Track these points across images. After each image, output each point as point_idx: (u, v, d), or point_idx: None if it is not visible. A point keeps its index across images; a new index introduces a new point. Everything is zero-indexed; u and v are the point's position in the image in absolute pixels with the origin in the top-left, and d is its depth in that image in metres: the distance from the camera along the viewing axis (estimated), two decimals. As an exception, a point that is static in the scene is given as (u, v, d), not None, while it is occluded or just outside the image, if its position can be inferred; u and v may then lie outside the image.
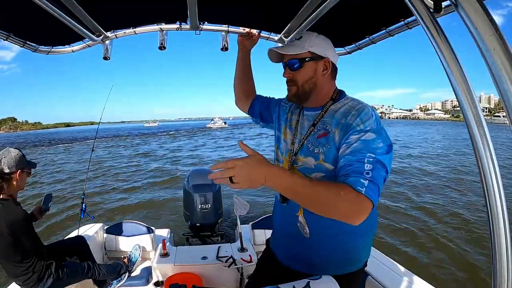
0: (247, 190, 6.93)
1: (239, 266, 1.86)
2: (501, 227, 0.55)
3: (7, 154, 1.56)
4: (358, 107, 0.88)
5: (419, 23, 0.59)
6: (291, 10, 1.21)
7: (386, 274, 1.56)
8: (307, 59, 0.92)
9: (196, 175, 2.87)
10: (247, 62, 1.33)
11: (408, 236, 4.29)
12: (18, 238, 1.49)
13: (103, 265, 1.97)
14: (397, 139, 20.88)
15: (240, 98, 1.33)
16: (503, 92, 0.46)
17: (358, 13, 1.22)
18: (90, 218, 2.51)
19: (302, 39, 0.94)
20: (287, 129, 1.07)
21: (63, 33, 1.30)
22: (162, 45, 1.48)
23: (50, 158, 15.58)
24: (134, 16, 1.34)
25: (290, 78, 0.96)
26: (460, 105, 0.54)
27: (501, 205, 0.54)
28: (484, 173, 0.54)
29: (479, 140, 0.53)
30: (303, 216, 0.96)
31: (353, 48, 1.58)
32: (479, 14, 0.47)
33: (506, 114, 0.47)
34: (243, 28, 1.38)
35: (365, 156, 0.77)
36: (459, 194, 6.54)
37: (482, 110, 0.54)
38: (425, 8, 0.58)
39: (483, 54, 0.47)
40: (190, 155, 14.96)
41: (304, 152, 0.95)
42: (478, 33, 0.47)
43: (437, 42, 0.56)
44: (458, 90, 0.54)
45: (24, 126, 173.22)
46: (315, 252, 0.97)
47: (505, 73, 0.45)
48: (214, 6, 1.24)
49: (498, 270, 0.56)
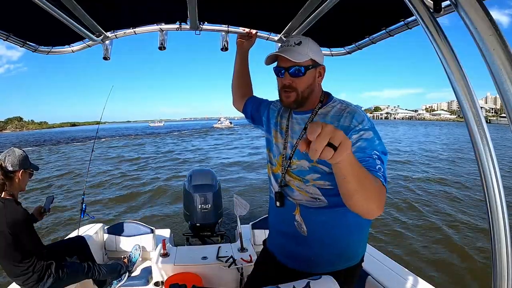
0: (247, 190, 6.93)
1: (239, 266, 1.86)
2: (501, 227, 0.55)
3: (11, 153, 1.60)
4: (349, 110, 0.91)
5: (419, 23, 0.59)
6: (291, 10, 1.21)
7: (386, 274, 1.56)
8: (310, 67, 0.93)
9: (196, 175, 2.87)
10: (245, 63, 1.34)
11: (408, 236, 4.30)
12: (18, 237, 1.49)
13: (103, 265, 1.97)
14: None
15: (236, 99, 1.34)
16: (503, 92, 0.46)
17: (358, 13, 1.22)
18: (90, 218, 2.51)
19: (303, 45, 0.92)
20: (277, 133, 1.08)
21: (63, 33, 1.30)
22: (162, 45, 1.48)
23: (81, 157, 15.44)
24: (134, 16, 1.34)
25: (290, 85, 0.94)
26: (460, 105, 0.55)
27: (501, 205, 0.54)
28: (484, 173, 0.54)
29: (479, 140, 0.53)
30: (299, 214, 0.97)
31: (353, 48, 1.58)
32: (479, 14, 0.47)
33: (506, 114, 0.47)
34: (243, 28, 1.38)
35: (372, 153, 0.79)
36: (459, 194, 6.54)
37: (488, 110, 0.54)
38: (425, 8, 0.58)
39: (483, 54, 0.47)
40: (238, 161, 12.07)
41: (297, 155, 0.96)
42: (478, 33, 0.47)
43: (437, 42, 0.56)
44: (458, 90, 0.54)
45: (30, 125, 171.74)
46: (313, 249, 0.98)
47: (505, 73, 0.45)
48: (214, 6, 1.24)
49: (498, 270, 0.56)
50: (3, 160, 1.56)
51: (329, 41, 1.59)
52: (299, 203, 0.97)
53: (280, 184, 1.02)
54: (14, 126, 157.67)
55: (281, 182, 1.01)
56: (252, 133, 29.76)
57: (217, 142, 23.09)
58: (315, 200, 0.93)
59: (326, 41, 1.58)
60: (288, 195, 1.00)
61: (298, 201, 0.97)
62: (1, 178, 1.52)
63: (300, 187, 0.96)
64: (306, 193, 0.95)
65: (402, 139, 22.37)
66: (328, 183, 0.90)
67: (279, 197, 1.02)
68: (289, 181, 0.99)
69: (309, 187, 0.94)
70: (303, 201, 0.96)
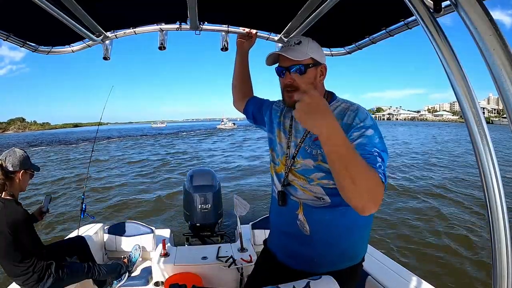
0: (246, 191, 6.93)
1: (239, 266, 1.86)
2: (501, 227, 0.55)
3: (12, 154, 1.60)
4: (352, 108, 0.92)
5: (419, 23, 0.59)
6: (291, 10, 1.21)
7: (386, 274, 1.56)
8: (310, 65, 0.93)
9: (196, 175, 2.87)
10: (245, 63, 1.34)
11: (408, 236, 4.29)
12: (18, 238, 1.49)
13: (103, 265, 1.97)
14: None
15: (237, 99, 1.34)
16: (503, 92, 0.46)
17: (358, 13, 1.22)
18: (90, 218, 2.51)
19: (303, 44, 0.93)
20: (281, 133, 1.08)
21: (63, 33, 1.30)
22: (162, 45, 1.48)
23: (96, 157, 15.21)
24: (134, 16, 1.34)
25: (291, 84, 0.95)
26: (460, 105, 0.55)
27: (501, 205, 0.54)
28: (484, 173, 0.54)
29: (479, 140, 0.53)
30: (302, 214, 0.97)
31: (353, 48, 1.58)
32: (479, 14, 0.47)
33: (506, 114, 0.47)
34: (243, 28, 1.38)
35: (372, 150, 0.79)
36: (459, 194, 6.54)
37: (490, 111, 0.54)
38: (425, 8, 0.58)
39: (483, 54, 0.47)
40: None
41: (302, 154, 0.96)
42: (478, 33, 0.47)
43: (437, 42, 0.56)
44: (458, 90, 0.54)
45: (32, 126, 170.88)
46: (315, 249, 0.98)
47: (505, 73, 0.45)
48: (214, 6, 1.24)
49: (498, 270, 0.56)
50: (3, 160, 1.56)
51: (329, 41, 1.59)
52: (302, 202, 0.97)
53: (283, 184, 1.02)
54: (17, 127, 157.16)
55: (284, 182, 1.01)
56: (262, 132, 29.82)
57: (233, 141, 22.81)
58: (318, 200, 0.94)
59: (326, 41, 1.58)
60: (291, 194, 1.00)
61: (301, 200, 0.97)
62: (2, 178, 1.52)
63: (304, 186, 0.96)
64: (310, 192, 0.95)
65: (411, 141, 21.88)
66: (332, 182, 0.90)
67: (281, 197, 1.02)
68: (293, 180, 0.99)
69: (313, 186, 0.94)
70: (306, 200, 0.96)
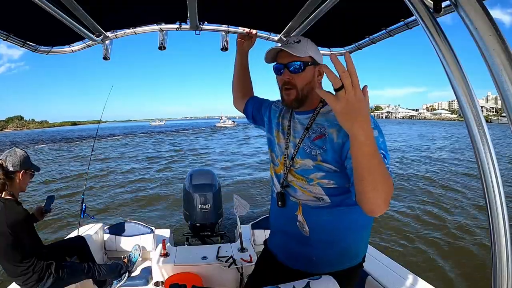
0: (246, 191, 6.92)
1: (239, 266, 1.86)
2: (501, 227, 0.55)
3: (13, 153, 1.60)
4: None
5: (419, 23, 0.59)
6: (291, 10, 1.21)
7: (386, 274, 1.56)
8: (309, 63, 0.93)
9: (196, 175, 2.87)
10: (245, 63, 1.34)
11: (408, 236, 4.29)
12: (18, 237, 1.49)
13: (103, 265, 1.97)
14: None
15: (237, 99, 1.34)
16: (503, 92, 0.46)
17: (358, 13, 1.22)
18: (90, 218, 2.51)
19: (302, 43, 0.94)
20: (279, 133, 1.08)
21: (63, 33, 1.30)
22: (162, 45, 1.48)
23: (107, 154, 15.18)
24: (134, 16, 1.34)
25: (289, 81, 0.95)
26: (460, 105, 0.55)
27: (501, 205, 0.54)
28: (484, 173, 0.54)
29: (479, 140, 0.53)
30: (302, 214, 0.97)
31: (353, 48, 1.58)
32: (479, 14, 0.47)
33: (506, 114, 0.47)
34: (243, 28, 1.38)
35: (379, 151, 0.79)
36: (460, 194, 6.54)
37: (489, 110, 0.54)
38: (425, 8, 0.58)
39: (483, 54, 0.47)
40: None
41: (301, 155, 0.96)
42: (478, 33, 0.47)
43: (437, 42, 0.56)
44: (458, 90, 0.54)
45: (31, 124, 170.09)
46: (314, 249, 0.98)
47: (505, 73, 0.45)
48: (214, 6, 1.24)
49: (498, 270, 0.56)
50: (4, 160, 1.56)
51: (329, 41, 1.59)
52: (302, 202, 0.97)
53: (282, 184, 1.02)
54: (15, 125, 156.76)
55: (283, 182, 1.01)
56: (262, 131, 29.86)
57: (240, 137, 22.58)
58: (318, 200, 0.93)
59: (326, 41, 1.58)
60: (290, 195, 1.00)
61: (301, 200, 0.97)
62: (2, 178, 1.52)
63: (303, 187, 0.96)
64: (309, 193, 0.94)
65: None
66: (332, 181, 0.90)
67: (281, 197, 1.02)
68: (292, 181, 0.99)
69: (313, 187, 0.93)
70: (306, 200, 0.96)
